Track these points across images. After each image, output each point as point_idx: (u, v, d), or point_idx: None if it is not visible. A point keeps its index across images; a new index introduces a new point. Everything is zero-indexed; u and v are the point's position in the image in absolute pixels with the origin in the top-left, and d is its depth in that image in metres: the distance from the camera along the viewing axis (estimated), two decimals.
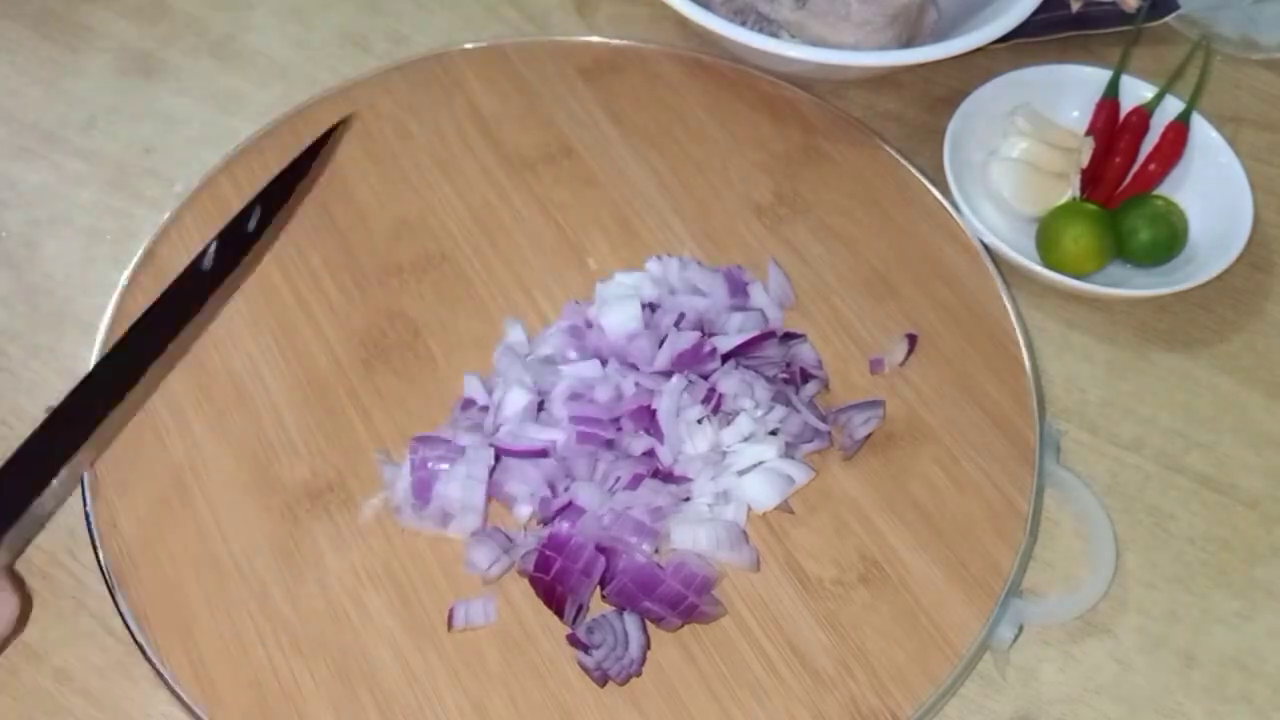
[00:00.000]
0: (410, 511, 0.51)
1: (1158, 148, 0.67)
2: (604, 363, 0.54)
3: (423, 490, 0.51)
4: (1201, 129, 0.67)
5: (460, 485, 0.50)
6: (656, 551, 0.50)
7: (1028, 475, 0.54)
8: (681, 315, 0.55)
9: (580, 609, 0.49)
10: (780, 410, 0.53)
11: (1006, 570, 0.52)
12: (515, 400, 0.53)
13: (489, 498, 0.52)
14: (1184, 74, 0.69)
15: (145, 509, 0.52)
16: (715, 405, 0.52)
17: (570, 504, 0.50)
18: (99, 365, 0.53)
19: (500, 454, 0.52)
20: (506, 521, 0.52)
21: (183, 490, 0.52)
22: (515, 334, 0.57)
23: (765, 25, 0.70)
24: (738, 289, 0.58)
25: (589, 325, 0.56)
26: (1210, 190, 0.65)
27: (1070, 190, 0.65)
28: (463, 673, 0.48)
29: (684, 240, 0.62)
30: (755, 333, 0.55)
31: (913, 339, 0.58)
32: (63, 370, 0.58)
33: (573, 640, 0.48)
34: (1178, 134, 0.66)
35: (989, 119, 0.67)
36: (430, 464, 0.51)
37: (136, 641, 0.49)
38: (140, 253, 0.59)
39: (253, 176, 0.62)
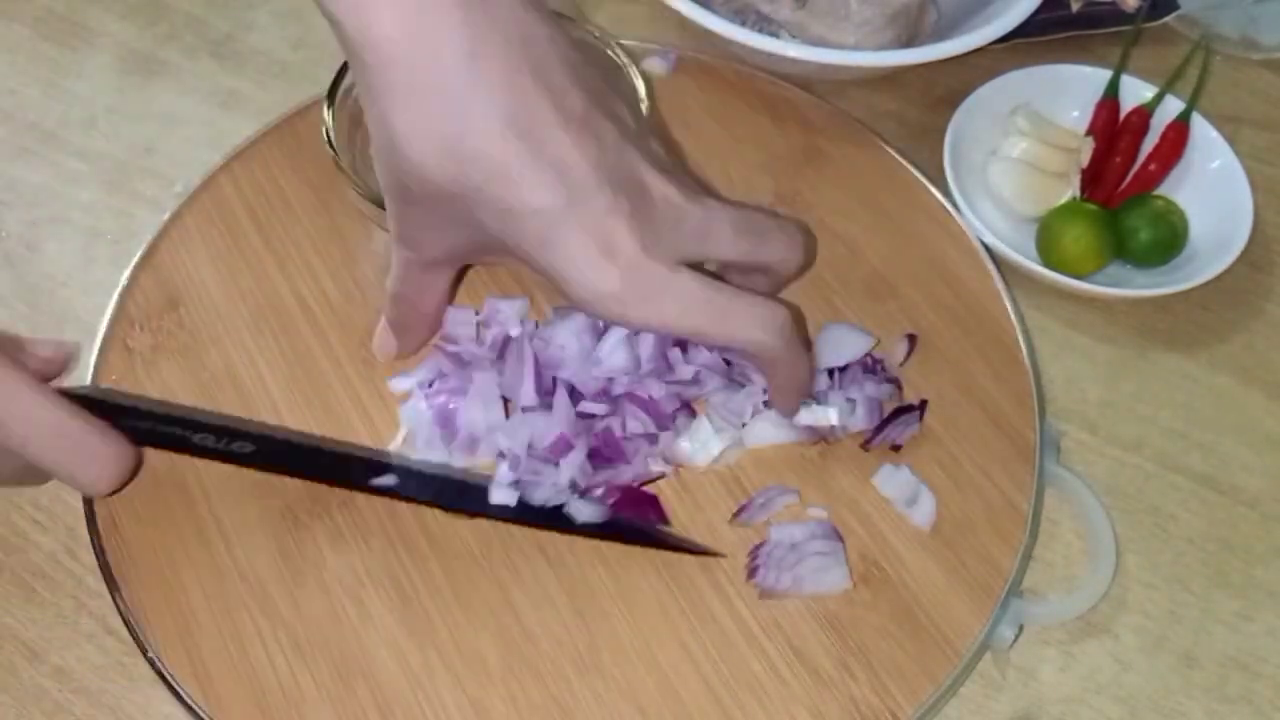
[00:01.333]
0: (439, 443, 0.52)
1: (1158, 148, 0.67)
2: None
3: (445, 421, 0.52)
4: (1201, 129, 0.67)
5: (481, 406, 0.52)
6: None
7: (1028, 475, 0.54)
8: None
9: None
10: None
11: (1006, 570, 0.52)
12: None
13: None
14: (1184, 74, 0.69)
15: (145, 509, 0.52)
16: None
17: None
18: None
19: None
20: None
21: (183, 490, 0.52)
22: (515, 330, 0.56)
23: (765, 25, 0.70)
24: None
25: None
26: (1210, 190, 0.65)
27: (1070, 190, 0.65)
28: (463, 673, 0.48)
29: None
30: None
31: (913, 339, 0.58)
32: None
33: None
34: (1178, 134, 0.66)
35: (989, 119, 0.67)
36: (443, 397, 0.53)
37: (137, 641, 0.49)
38: (140, 253, 0.59)
39: (253, 176, 0.62)
